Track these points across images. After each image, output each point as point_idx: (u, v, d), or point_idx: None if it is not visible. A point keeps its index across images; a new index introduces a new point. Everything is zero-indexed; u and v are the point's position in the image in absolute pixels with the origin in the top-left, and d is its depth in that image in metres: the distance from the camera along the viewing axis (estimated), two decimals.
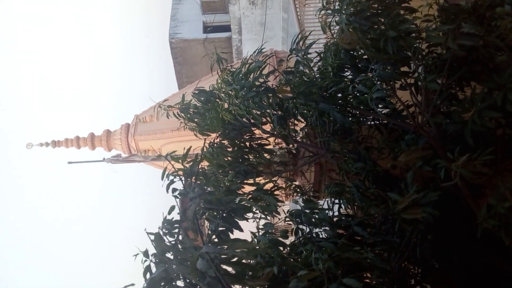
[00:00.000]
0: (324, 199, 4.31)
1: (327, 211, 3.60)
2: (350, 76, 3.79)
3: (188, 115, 4.43)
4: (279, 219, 4.09)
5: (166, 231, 2.96)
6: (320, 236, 3.48)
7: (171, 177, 3.15)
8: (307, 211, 3.64)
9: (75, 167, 9.51)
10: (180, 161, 3.21)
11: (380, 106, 3.56)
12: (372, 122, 4.12)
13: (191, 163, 3.14)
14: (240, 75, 3.94)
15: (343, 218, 3.52)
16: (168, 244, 2.82)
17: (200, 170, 3.24)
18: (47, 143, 12.14)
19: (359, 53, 3.61)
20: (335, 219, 3.55)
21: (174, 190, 3.10)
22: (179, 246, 2.83)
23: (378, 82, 3.31)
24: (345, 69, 3.81)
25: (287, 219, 3.78)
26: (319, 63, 4.06)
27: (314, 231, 3.48)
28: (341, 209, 3.78)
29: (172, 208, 3.07)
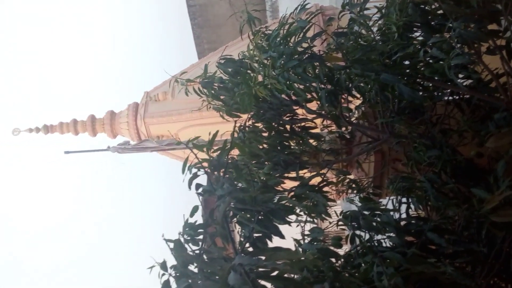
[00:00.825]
0: (387, 197, 4.28)
1: (392, 213, 3.57)
2: (420, 38, 3.73)
3: (212, 91, 4.46)
4: (329, 222, 4.10)
5: (189, 238, 3.01)
6: (384, 244, 3.46)
7: (193, 170, 3.18)
8: (366, 212, 3.63)
9: (73, 157, 9.72)
10: (204, 149, 3.24)
11: (460, 76, 3.49)
12: (450, 97, 4.05)
13: (218, 152, 3.17)
14: (278, 39, 3.92)
15: (413, 221, 3.48)
16: (191, 253, 2.86)
17: (230, 161, 3.26)
18: (38, 129, 12.48)
19: (433, 7, 3.54)
20: (402, 223, 3.52)
21: (197, 186, 3.13)
22: (205, 257, 2.87)
23: (458, 45, 3.24)
24: (414, 29, 3.75)
25: (340, 222, 3.78)
26: (379, 22, 4.00)
27: (375, 238, 3.46)
28: (410, 210, 3.75)
29: (195, 209, 3.11)
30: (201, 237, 3.02)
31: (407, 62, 3.74)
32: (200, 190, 3.14)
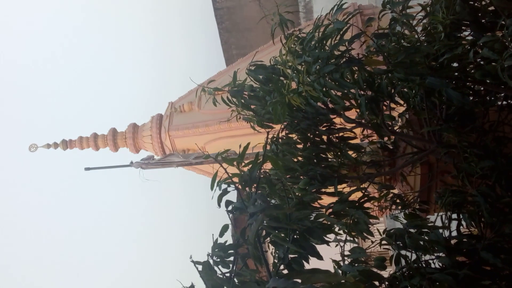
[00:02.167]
0: (436, 214, 4.23)
1: (441, 231, 3.53)
2: (470, 37, 3.70)
3: (242, 101, 4.49)
4: (372, 242, 4.07)
5: (218, 259, 3.02)
6: (432, 265, 3.42)
7: (223, 186, 3.20)
8: (412, 230, 3.60)
9: (94, 174, 9.86)
10: (234, 163, 3.26)
11: None
12: (504, 102, 4.00)
13: (249, 166, 3.19)
14: (313, 43, 3.93)
15: (464, 240, 3.44)
16: (221, 276, 2.88)
17: (262, 175, 3.27)
18: (56, 144, 12.70)
19: (483, 3, 3.51)
20: (453, 241, 3.48)
21: (228, 203, 3.15)
22: (236, 280, 2.88)
23: None
24: (463, 28, 3.72)
25: (384, 242, 3.75)
26: (424, 21, 3.99)
27: (423, 259, 3.43)
28: (461, 227, 3.70)
29: (225, 228, 3.12)
30: (231, 258, 3.04)
31: (455, 64, 3.71)
32: (230, 207, 3.15)
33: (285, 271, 2.92)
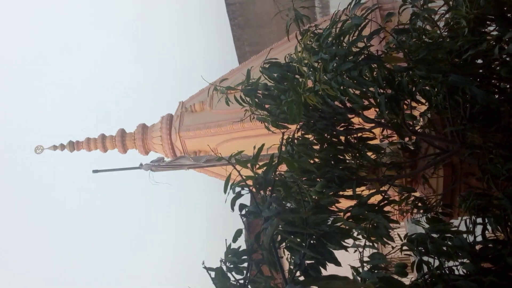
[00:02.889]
0: (460, 218, 4.21)
1: (465, 236, 3.52)
2: (495, 33, 3.68)
3: (256, 100, 4.49)
4: (392, 247, 4.05)
5: (232, 266, 3.03)
6: (456, 272, 3.40)
7: (237, 189, 3.20)
8: (435, 235, 3.58)
9: (102, 176, 9.91)
10: (248, 165, 3.26)
11: None
12: None
13: (264, 168, 3.19)
14: (330, 39, 3.93)
15: (490, 245, 3.42)
16: (234, 283, 2.88)
17: (277, 178, 3.27)
18: (63, 146, 12.77)
19: None
20: (477, 247, 3.46)
21: (241, 207, 3.15)
22: (250, 287, 2.88)
23: None
24: (488, 22, 3.70)
25: (405, 247, 3.74)
26: (447, 15, 3.97)
27: (446, 265, 3.41)
28: (486, 232, 3.68)
29: (239, 233, 3.12)
30: (245, 264, 3.04)
31: (479, 61, 3.70)
32: (244, 211, 3.15)
33: (302, 278, 2.92)
